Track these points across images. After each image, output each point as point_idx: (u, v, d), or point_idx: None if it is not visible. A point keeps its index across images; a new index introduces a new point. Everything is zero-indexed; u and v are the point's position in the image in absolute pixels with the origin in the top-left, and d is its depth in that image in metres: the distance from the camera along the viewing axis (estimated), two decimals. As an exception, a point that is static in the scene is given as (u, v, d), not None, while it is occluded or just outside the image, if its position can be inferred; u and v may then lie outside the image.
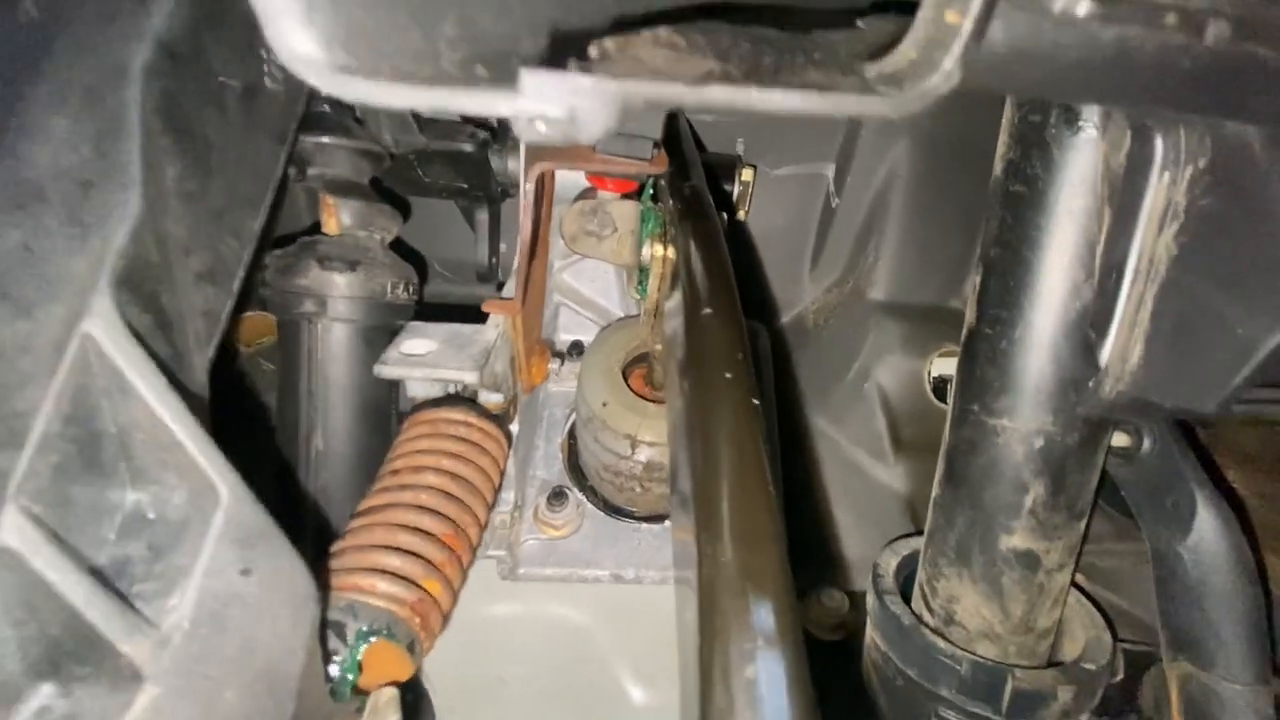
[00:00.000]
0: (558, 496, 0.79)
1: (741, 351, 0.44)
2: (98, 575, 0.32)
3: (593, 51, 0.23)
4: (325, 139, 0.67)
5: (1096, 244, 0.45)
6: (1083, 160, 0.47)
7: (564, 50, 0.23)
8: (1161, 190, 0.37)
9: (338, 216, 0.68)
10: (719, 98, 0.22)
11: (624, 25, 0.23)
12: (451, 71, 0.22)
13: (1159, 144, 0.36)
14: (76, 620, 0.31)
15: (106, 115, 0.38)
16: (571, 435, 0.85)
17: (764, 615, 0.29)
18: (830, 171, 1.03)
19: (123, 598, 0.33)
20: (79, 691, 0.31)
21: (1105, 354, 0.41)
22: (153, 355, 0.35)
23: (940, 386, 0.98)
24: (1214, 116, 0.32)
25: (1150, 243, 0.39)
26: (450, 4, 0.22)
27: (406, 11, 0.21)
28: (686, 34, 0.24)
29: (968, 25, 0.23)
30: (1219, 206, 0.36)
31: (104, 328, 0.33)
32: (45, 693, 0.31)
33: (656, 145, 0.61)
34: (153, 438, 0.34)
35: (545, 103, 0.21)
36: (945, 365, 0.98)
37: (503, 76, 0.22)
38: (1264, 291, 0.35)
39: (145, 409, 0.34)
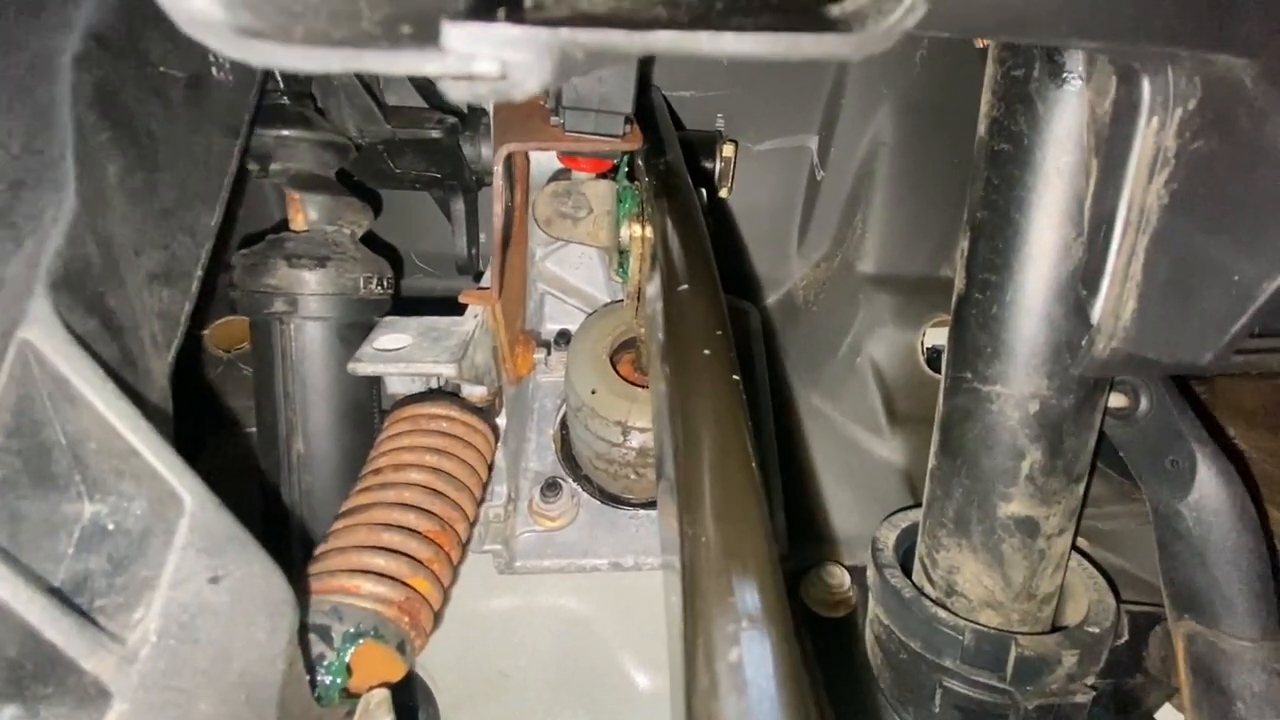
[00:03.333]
0: (551, 488, 0.78)
1: (720, 327, 0.42)
2: (55, 592, 0.31)
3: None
4: (285, 132, 0.65)
5: (1085, 199, 0.43)
6: (1068, 113, 0.45)
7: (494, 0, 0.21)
8: (1150, 136, 0.36)
9: (304, 212, 0.66)
10: (666, 44, 0.20)
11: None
12: (373, 31, 0.21)
13: (1146, 87, 0.35)
14: (35, 639, 0.29)
15: (36, 111, 0.36)
16: (563, 425, 0.84)
17: (748, 595, 0.28)
18: (814, 144, 1.00)
19: (83, 614, 0.31)
20: (44, 713, 0.30)
21: (1097, 311, 0.40)
22: (101, 360, 0.33)
23: (934, 357, 0.97)
24: (1202, 51, 0.30)
25: (1140, 192, 0.37)
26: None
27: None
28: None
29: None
30: (1211, 149, 0.34)
31: (43, 333, 0.31)
32: (8, 715, 0.30)
33: (629, 121, 0.59)
34: (106, 446, 0.33)
35: (473, 59, 0.19)
36: (938, 335, 0.96)
37: (428, 33, 0.20)
38: (1261, 233, 0.34)
39: (95, 416, 0.32)
